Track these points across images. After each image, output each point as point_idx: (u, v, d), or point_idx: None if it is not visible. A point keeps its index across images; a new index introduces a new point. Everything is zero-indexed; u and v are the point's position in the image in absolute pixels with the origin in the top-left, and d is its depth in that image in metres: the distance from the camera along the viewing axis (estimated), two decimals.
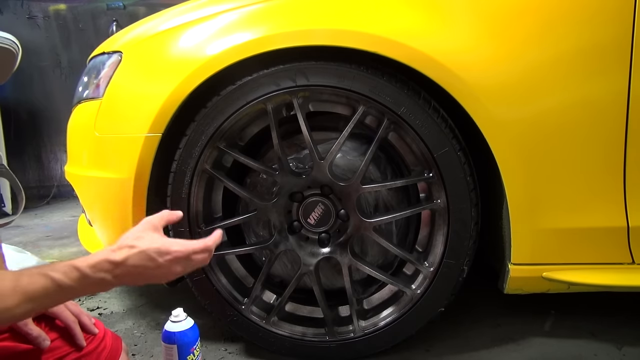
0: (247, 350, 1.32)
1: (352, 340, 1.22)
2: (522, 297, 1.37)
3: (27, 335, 0.74)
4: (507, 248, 1.13)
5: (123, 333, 1.47)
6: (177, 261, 0.73)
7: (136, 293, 1.79)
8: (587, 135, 1.05)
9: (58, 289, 0.63)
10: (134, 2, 3.84)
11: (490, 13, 1.06)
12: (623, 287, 1.16)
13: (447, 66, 1.04)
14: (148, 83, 1.21)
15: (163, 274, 0.73)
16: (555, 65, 1.04)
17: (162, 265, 0.72)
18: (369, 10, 1.10)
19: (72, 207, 3.53)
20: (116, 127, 1.23)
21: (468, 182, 1.11)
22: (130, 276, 0.70)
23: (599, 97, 1.04)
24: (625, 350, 1.24)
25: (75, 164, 1.40)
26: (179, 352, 1.05)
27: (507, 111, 1.05)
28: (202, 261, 0.78)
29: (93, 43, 1.70)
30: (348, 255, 1.20)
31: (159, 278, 0.73)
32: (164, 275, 0.73)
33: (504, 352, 1.27)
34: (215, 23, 1.16)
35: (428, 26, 1.07)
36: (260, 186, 1.29)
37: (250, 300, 1.24)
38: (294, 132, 1.23)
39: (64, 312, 0.80)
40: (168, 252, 0.72)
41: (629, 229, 1.08)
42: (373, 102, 1.10)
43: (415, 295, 1.19)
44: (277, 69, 1.11)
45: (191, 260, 0.75)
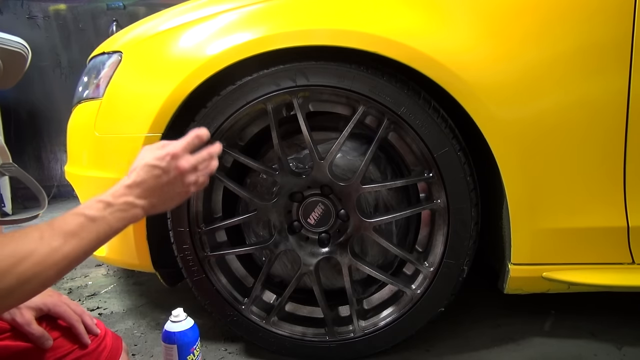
0: (247, 350, 1.32)
1: (352, 340, 1.22)
2: (522, 297, 1.37)
3: (29, 335, 0.74)
4: (507, 248, 1.13)
5: (123, 333, 1.47)
6: (178, 159, 0.76)
7: (136, 293, 1.80)
8: (587, 134, 1.05)
9: (91, 221, 0.65)
10: (134, 2, 3.84)
11: (489, 12, 1.06)
12: (623, 287, 1.16)
13: (447, 66, 1.04)
14: (148, 83, 1.21)
15: (176, 179, 0.75)
16: (555, 65, 1.04)
17: (168, 169, 0.74)
18: (368, 10, 1.10)
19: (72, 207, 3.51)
20: (116, 127, 1.23)
21: (468, 182, 1.11)
22: (150, 193, 0.73)
23: (598, 96, 1.04)
24: (625, 350, 1.24)
25: (75, 164, 1.40)
26: (179, 352, 1.05)
27: (507, 111, 1.05)
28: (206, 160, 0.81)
29: (93, 43, 1.70)
30: (348, 255, 1.20)
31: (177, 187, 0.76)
32: (178, 181, 0.76)
33: (504, 352, 1.27)
34: (215, 23, 1.16)
35: (428, 26, 1.07)
36: (260, 186, 1.29)
37: (250, 300, 1.24)
38: (294, 132, 1.23)
39: (67, 311, 0.81)
40: (166, 153, 0.75)
41: (629, 229, 1.08)
42: (373, 102, 1.10)
43: (415, 295, 1.19)
44: (277, 69, 1.11)
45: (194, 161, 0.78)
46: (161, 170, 0.74)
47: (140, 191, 0.72)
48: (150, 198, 0.73)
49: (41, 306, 0.79)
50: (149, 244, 1.24)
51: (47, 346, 0.76)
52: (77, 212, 0.66)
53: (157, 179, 0.74)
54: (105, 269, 2.09)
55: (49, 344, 0.76)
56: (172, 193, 0.76)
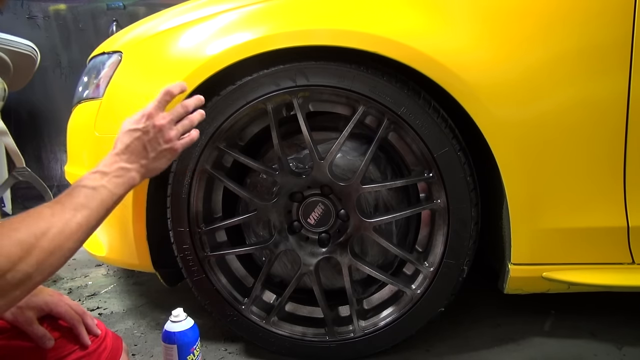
0: (247, 350, 1.32)
1: (352, 340, 1.22)
2: (522, 297, 1.37)
3: (31, 334, 0.75)
4: (507, 248, 1.13)
5: (123, 333, 1.47)
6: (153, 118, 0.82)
7: (136, 293, 1.80)
8: (587, 135, 1.05)
9: (93, 190, 0.71)
10: (134, 2, 3.84)
11: (490, 13, 1.06)
12: (623, 287, 1.16)
13: (447, 66, 1.04)
14: (148, 83, 1.21)
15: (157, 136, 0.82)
16: (555, 66, 1.04)
17: (146, 129, 0.81)
18: (369, 10, 1.10)
19: None
20: (116, 127, 1.20)
21: (468, 182, 1.11)
22: (137, 155, 0.79)
23: (599, 97, 1.04)
24: (625, 350, 1.24)
25: (75, 164, 1.40)
26: (179, 352, 1.05)
27: (507, 111, 1.05)
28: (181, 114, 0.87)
29: (93, 43, 1.70)
30: (348, 255, 1.20)
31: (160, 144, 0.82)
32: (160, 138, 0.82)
33: (504, 352, 1.27)
34: (215, 23, 1.16)
35: (428, 26, 1.07)
36: (260, 186, 1.29)
37: (250, 300, 1.24)
38: (294, 132, 1.23)
39: (68, 311, 0.81)
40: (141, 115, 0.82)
41: (629, 229, 1.08)
42: (373, 102, 1.10)
43: (415, 295, 1.19)
44: (277, 69, 1.11)
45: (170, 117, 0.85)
46: (140, 131, 0.80)
47: (128, 156, 0.78)
48: (139, 160, 0.79)
49: (42, 306, 0.79)
50: (149, 244, 1.24)
51: (48, 346, 0.76)
52: (77, 185, 0.71)
53: (138, 140, 0.80)
54: (105, 269, 2.09)
55: (51, 344, 0.76)
56: (158, 151, 0.82)
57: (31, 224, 0.62)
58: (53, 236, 0.63)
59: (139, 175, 0.79)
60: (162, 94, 0.85)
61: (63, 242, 0.64)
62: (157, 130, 0.82)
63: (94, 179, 0.73)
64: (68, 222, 0.65)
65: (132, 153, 0.79)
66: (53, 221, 0.64)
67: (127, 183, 0.76)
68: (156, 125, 0.82)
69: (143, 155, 0.80)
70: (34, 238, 0.61)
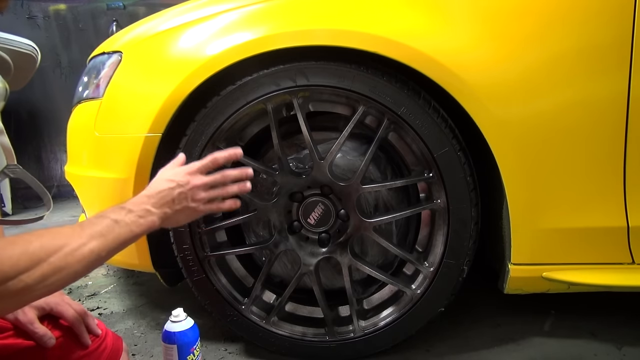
0: (247, 350, 1.32)
1: (352, 340, 1.22)
2: (522, 297, 1.37)
3: (32, 334, 0.75)
4: (507, 248, 1.13)
5: (123, 333, 1.47)
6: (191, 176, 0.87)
7: (136, 293, 1.80)
8: (587, 135, 1.05)
9: (115, 224, 0.74)
10: (134, 2, 3.84)
11: (490, 13, 1.06)
12: (623, 287, 1.16)
13: (447, 66, 1.04)
14: (148, 83, 1.21)
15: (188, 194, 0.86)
16: (555, 66, 1.04)
17: (181, 183, 0.85)
18: (369, 10, 1.09)
19: (72, 207, 3.53)
20: (116, 127, 1.23)
21: (468, 182, 1.11)
22: (165, 203, 0.83)
23: (598, 97, 1.04)
24: (625, 350, 1.24)
25: (75, 164, 1.40)
26: (179, 352, 1.05)
27: (507, 111, 1.05)
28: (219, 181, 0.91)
29: (93, 43, 1.70)
30: (348, 255, 1.20)
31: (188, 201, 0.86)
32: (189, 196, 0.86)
33: (504, 352, 1.27)
34: (215, 23, 1.16)
35: (428, 26, 1.07)
36: (260, 186, 1.29)
37: (250, 300, 1.24)
38: (294, 132, 1.23)
39: (68, 311, 0.81)
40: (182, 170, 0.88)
41: (629, 229, 1.08)
42: (373, 102, 1.10)
43: (415, 295, 1.19)
44: (277, 69, 1.11)
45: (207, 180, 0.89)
46: (176, 183, 0.85)
47: (156, 201, 0.82)
48: (164, 208, 0.82)
49: (44, 305, 0.79)
50: (149, 244, 1.24)
51: (49, 345, 0.76)
52: (102, 215, 0.75)
53: (171, 190, 0.84)
54: (105, 269, 2.09)
55: (52, 343, 0.76)
56: (183, 206, 0.86)
57: (46, 239, 0.65)
58: (64, 255, 0.65)
59: (159, 221, 0.82)
60: (210, 161, 0.91)
61: (72, 263, 0.65)
62: (190, 188, 0.86)
63: (119, 214, 0.76)
64: (82, 246, 0.67)
65: (160, 200, 0.82)
66: (68, 241, 0.66)
67: (147, 225, 0.79)
68: (191, 184, 0.86)
69: (169, 205, 0.83)
70: (45, 253, 0.63)
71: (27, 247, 0.62)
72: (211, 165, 0.92)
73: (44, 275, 0.62)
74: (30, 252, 0.62)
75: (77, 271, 0.67)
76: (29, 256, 0.61)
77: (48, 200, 0.89)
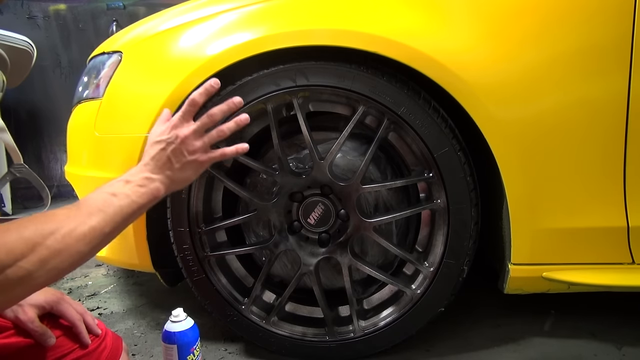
0: (247, 350, 1.32)
1: (352, 340, 1.22)
2: (522, 297, 1.37)
3: (32, 332, 0.75)
4: (507, 248, 1.13)
5: (123, 333, 1.47)
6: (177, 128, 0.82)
7: (136, 293, 1.80)
8: (587, 135, 1.05)
9: (113, 196, 0.70)
10: (134, 2, 3.84)
11: (489, 12, 1.06)
12: (623, 287, 1.16)
13: (446, 66, 1.04)
14: (148, 83, 1.21)
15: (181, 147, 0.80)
16: (555, 65, 1.04)
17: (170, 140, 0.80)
18: (368, 10, 1.10)
19: None
20: (116, 127, 1.23)
21: (468, 182, 1.11)
22: (162, 166, 0.78)
23: (598, 97, 1.04)
24: (625, 350, 1.24)
25: (75, 164, 1.40)
26: (179, 352, 1.05)
27: (507, 111, 1.05)
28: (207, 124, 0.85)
29: (93, 43, 1.70)
30: (348, 255, 1.20)
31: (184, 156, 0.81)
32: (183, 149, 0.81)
33: (504, 352, 1.27)
34: (215, 23, 1.16)
35: (428, 26, 1.07)
36: (260, 186, 1.29)
37: (250, 300, 1.24)
38: (294, 132, 1.23)
39: (68, 310, 0.81)
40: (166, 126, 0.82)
41: (629, 229, 1.08)
42: (373, 102, 1.10)
43: (415, 295, 1.19)
44: (277, 69, 1.11)
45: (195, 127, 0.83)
46: (164, 142, 0.79)
47: (153, 166, 0.77)
48: (164, 171, 0.78)
49: (44, 304, 0.79)
50: (149, 244, 1.24)
51: (49, 344, 0.76)
52: (98, 190, 0.71)
53: (163, 151, 0.79)
54: (105, 269, 2.09)
55: (52, 342, 0.76)
56: (182, 162, 0.80)
57: (41, 223, 0.62)
58: (61, 237, 0.62)
59: (164, 187, 0.77)
60: (187, 104, 0.84)
61: (71, 243, 0.62)
62: (181, 141, 0.81)
63: (116, 186, 0.73)
64: (80, 224, 0.64)
65: (157, 164, 0.78)
66: (65, 222, 0.63)
67: (150, 193, 0.75)
68: (179, 136, 0.81)
69: (168, 166, 0.79)
70: (41, 237, 0.60)
71: (22, 232, 0.59)
72: (192, 108, 0.85)
73: (42, 259, 0.59)
74: (26, 237, 0.59)
75: (81, 251, 0.64)
76: (24, 241, 0.58)
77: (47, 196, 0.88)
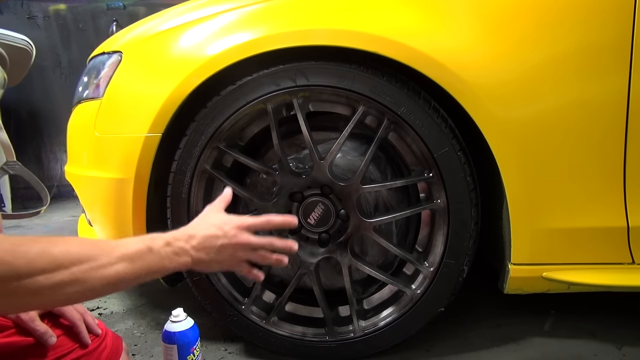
0: (247, 350, 1.32)
1: (352, 340, 1.22)
2: (522, 297, 1.37)
3: (33, 331, 0.75)
4: (507, 248, 1.13)
5: (123, 333, 1.47)
6: (240, 231, 0.81)
7: (136, 293, 1.80)
8: (587, 134, 1.05)
9: (149, 252, 0.70)
10: (134, 2, 3.84)
11: (489, 12, 1.06)
12: (623, 287, 1.16)
13: (446, 66, 1.04)
14: (148, 83, 1.21)
15: (229, 248, 0.80)
16: (555, 65, 1.04)
17: (227, 235, 0.80)
18: (368, 10, 1.10)
19: (72, 207, 3.53)
20: (116, 127, 1.23)
21: (468, 182, 1.11)
22: (204, 249, 0.78)
23: (598, 96, 1.04)
24: (625, 350, 1.24)
25: (75, 164, 1.40)
26: (179, 352, 1.05)
27: (507, 111, 1.05)
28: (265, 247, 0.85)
29: (93, 43, 1.70)
30: (348, 255, 1.20)
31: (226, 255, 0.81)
32: (230, 250, 0.81)
33: (504, 352, 1.27)
34: (215, 23, 1.16)
35: (427, 26, 1.07)
36: (260, 186, 1.29)
37: (250, 300, 1.24)
38: (294, 132, 1.23)
39: (69, 310, 0.81)
40: (232, 221, 0.82)
41: (629, 229, 1.08)
42: (373, 102, 1.10)
43: (415, 295, 1.19)
44: (277, 69, 1.11)
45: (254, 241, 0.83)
46: (223, 233, 0.80)
47: (197, 243, 0.77)
48: (201, 253, 0.78)
49: None
50: None
51: (50, 343, 0.76)
52: (140, 239, 0.71)
53: (216, 239, 0.79)
54: None
55: (53, 341, 0.77)
56: (221, 257, 0.81)
57: (74, 246, 0.62)
58: (89, 268, 0.62)
59: (192, 264, 0.78)
60: (264, 221, 0.85)
61: (92, 279, 0.62)
62: (235, 244, 0.81)
63: (157, 242, 0.73)
64: (107, 265, 0.64)
65: (201, 244, 0.78)
66: (96, 256, 0.63)
67: (180, 263, 0.75)
68: (238, 240, 0.81)
69: (208, 251, 0.79)
70: (68, 260, 0.60)
71: (50, 248, 0.59)
72: (264, 226, 0.86)
73: (62, 282, 0.59)
74: (52, 255, 0.59)
75: (95, 289, 0.63)
76: (49, 258, 0.58)
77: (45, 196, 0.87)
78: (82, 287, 0.61)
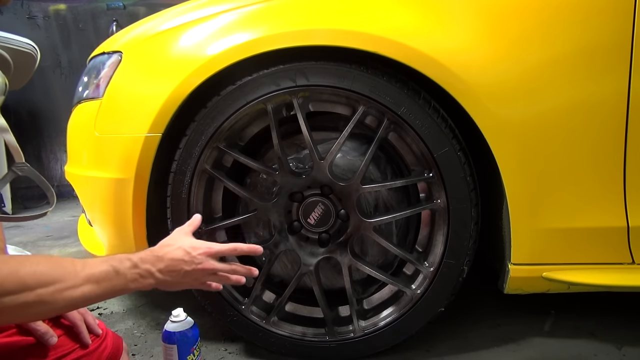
0: (247, 350, 1.32)
1: (352, 340, 1.22)
2: (522, 297, 1.36)
3: (34, 331, 0.75)
4: (507, 248, 1.13)
5: (123, 333, 1.47)
6: (208, 257, 0.86)
7: (136, 293, 1.79)
8: (587, 135, 1.05)
9: (115, 274, 0.72)
10: (134, 2, 3.84)
11: (490, 12, 1.06)
12: (623, 287, 1.16)
13: (446, 66, 1.04)
14: (148, 83, 1.21)
15: (196, 273, 0.85)
16: (555, 65, 1.04)
17: (195, 261, 0.84)
18: (368, 10, 1.10)
19: (72, 207, 3.53)
20: (116, 127, 1.23)
21: (468, 182, 1.11)
22: (170, 272, 0.81)
23: (598, 96, 1.04)
24: (625, 350, 1.24)
25: (75, 164, 1.40)
26: (179, 352, 1.05)
27: (507, 111, 1.05)
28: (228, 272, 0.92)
29: (93, 43, 1.70)
30: (348, 255, 1.20)
31: (192, 279, 0.85)
32: (196, 275, 0.85)
33: (504, 352, 1.27)
34: (215, 23, 1.16)
35: (428, 25, 1.07)
36: (260, 186, 1.29)
37: (250, 300, 1.24)
38: (294, 132, 1.23)
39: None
40: (201, 248, 0.86)
41: (629, 229, 1.08)
42: (373, 102, 1.10)
43: (415, 295, 1.19)
44: (277, 69, 1.11)
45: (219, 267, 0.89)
46: (190, 258, 0.83)
47: (164, 266, 0.80)
48: (167, 276, 0.81)
49: None
50: (149, 244, 1.24)
51: (51, 343, 0.76)
52: (107, 260, 0.73)
53: (183, 263, 0.83)
54: None
55: (54, 341, 0.77)
56: (186, 280, 0.85)
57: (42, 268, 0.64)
58: (54, 291, 0.64)
59: (155, 285, 0.81)
60: (230, 249, 0.92)
61: (58, 300, 0.64)
62: (201, 269, 0.85)
63: (124, 264, 0.74)
64: (74, 287, 0.66)
65: (168, 267, 0.81)
66: (63, 278, 0.65)
67: (143, 285, 0.78)
68: (204, 266, 0.86)
69: (173, 275, 0.82)
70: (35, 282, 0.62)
71: (19, 269, 0.61)
72: (230, 253, 0.93)
73: (26, 303, 0.61)
74: (20, 277, 0.60)
75: (59, 309, 0.66)
76: (17, 280, 0.60)
77: (52, 196, 0.88)
78: (46, 308, 0.64)
